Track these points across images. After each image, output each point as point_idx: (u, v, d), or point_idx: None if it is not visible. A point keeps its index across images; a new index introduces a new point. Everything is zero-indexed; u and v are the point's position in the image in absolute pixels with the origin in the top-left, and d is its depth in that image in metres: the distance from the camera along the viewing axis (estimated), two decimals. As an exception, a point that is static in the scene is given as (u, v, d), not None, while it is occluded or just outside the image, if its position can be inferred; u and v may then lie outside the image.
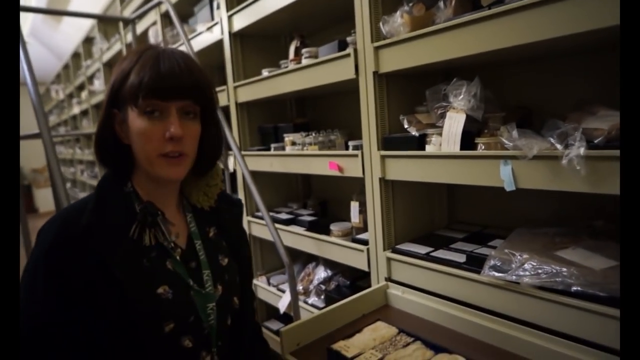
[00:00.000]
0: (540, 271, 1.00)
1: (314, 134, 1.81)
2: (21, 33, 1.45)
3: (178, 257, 0.82)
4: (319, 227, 1.85)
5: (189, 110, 0.79)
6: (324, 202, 2.27)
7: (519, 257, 1.06)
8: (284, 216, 2.06)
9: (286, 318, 2.17)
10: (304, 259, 2.19)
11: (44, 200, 9.15)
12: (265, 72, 1.96)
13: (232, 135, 1.98)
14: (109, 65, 4.42)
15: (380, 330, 1.13)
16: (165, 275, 0.78)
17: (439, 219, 1.64)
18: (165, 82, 0.75)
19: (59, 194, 1.13)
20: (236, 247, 0.95)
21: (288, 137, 1.91)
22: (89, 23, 4.87)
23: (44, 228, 0.75)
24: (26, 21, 6.88)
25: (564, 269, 0.97)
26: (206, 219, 0.92)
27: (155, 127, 0.76)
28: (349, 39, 1.56)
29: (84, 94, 5.58)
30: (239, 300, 0.91)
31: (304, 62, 1.72)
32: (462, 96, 1.17)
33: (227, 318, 0.88)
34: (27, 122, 1.90)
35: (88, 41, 5.19)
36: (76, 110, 5.94)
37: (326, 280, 1.90)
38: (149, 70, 0.75)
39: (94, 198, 0.78)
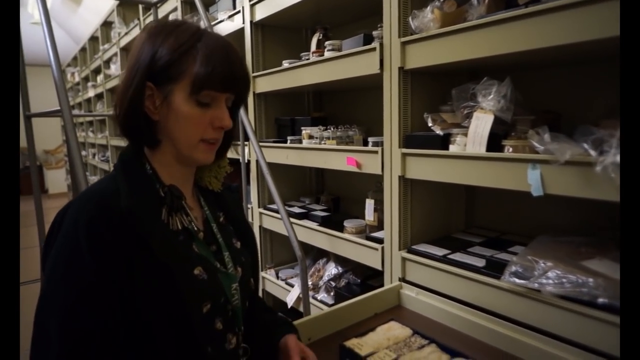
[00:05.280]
0: (564, 280, 0.97)
1: (332, 129, 1.79)
2: (47, 12, 1.44)
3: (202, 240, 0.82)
4: (332, 223, 1.83)
5: (229, 101, 0.80)
6: (336, 198, 2.24)
7: (542, 264, 1.03)
8: (296, 210, 2.04)
9: (293, 312, 2.16)
10: (314, 254, 2.18)
11: (54, 181, 9.23)
12: (286, 63, 1.94)
13: (251, 124, 1.96)
14: (126, 50, 4.43)
15: (394, 330, 1.10)
16: (196, 258, 0.78)
17: (456, 222, 1.61)
18: (232, 76, 0.76)
19: (77, 172, 1.11)
20: (243, 231, 0.95)
21: (306, 131, 1.89)
22: (107, 8, 4.87)
23: (72, 211, 0.70)
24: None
25: (591, 280, 0.94)
26: (215, 203, 0.92)
27: (205, 114, 0.76)
28: (374, 33, 1.53)
29: (99, 78, 5.59)
30: (254, 282, 0.94)
31: (327, 54, 1.70)
32: (491, 96, 1.14)
33: (246, 299, 0.88)
34: (45, 102, 1.91)
35: (106, 25, 5.20)
36: (91, 93, 5.96)
37: (336, 277, 1.88)
38: (220, 62, 0.74)
39: (125, 180, 0.75)
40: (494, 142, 1.15)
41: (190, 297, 0.73)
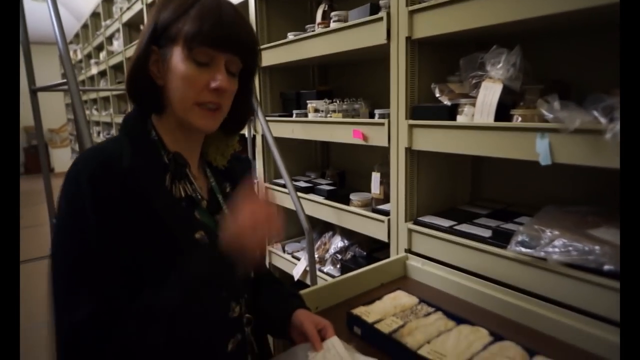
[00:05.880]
0: (570, 248, 0.98)
1: (338, 102, 1.78)
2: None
3: (205, 209, 0.82)
4: (338, 196, 1.84)
5: (233, 66, 0.78)
6: (342, 173, 2.25)
7: (548, 233, 1.03)
8: (302, 184, 2.05)
9: (300, 285, 2.19)
10: (320, 228, 2.19)
11: (59, 160, 9.28)
12: (290, 36, 1.91)
13: (257, 98, 1.95)
14: (128, 25, 4.38)
15: (400, 299, 1.12)
16: (197, 224, 0.78)
17: (461, 195, 1.61)
18: (224, 33, 0.74)
19: (85, 143, 1.12)
20: None
21: (311, 104, 1.88)
22: (108, -18, 4.80)
23: (74, 168, 0.70)
24: (46, -22, 6.79)
25: (597, 247, 0.94)
26: (222, 175, 0.92)
27: (201, 74, 0.74)
28: (381, 2, 1.50)
29: (102, 55, 5.55)
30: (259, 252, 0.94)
31: (333, 25, 1.67)
32: (500, 65, 1.12)
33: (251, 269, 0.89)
34: (45, 80, 1.93)
35: (108, 0, 5.13)
36: (94, 70, 5.92)
37: (342, 250, 1.90)
38: (211, 18, 0.73)
39: (130, 143, 0.75)
40: (503, 111, 1.14)
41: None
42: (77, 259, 0.67)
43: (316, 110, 1.86)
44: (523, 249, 1.06)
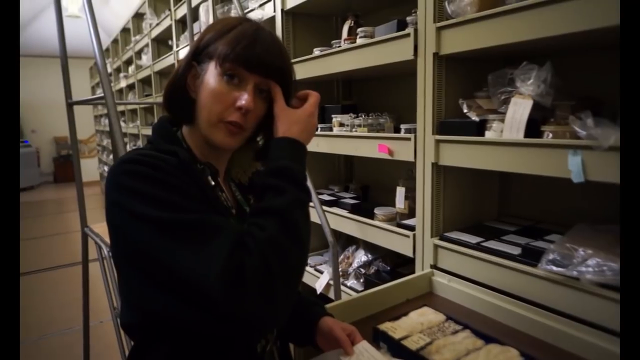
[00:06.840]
0: (605, 268, 0.95)
1: (363, 116, 1.79)
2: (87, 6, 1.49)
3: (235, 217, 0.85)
4: (362, 210, 1.84)
5: (263, 89, 0.80)
6: (365, 187, 2.25)
7: (581, 252, 1.01)
8: (326, 197, 2.05)
9: (322, 299, 2.18)
10: (343, 242, 2.19)
11: (87, 170, 9.53)
12: (317, 51, 1.94)
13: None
14: (157, 40, 4.51)
15: (427, 315, 1.11)
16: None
17: (488, 211, 1.59)
18: (255, 53, 0.77)
19: (119, 154, 1.16)
20: None
21: (336, 118, 1.89)
22: (138, 0, 4.97)
23: (122, 166, 0.70)
24: (79, -5, 7.08)
25: (633, 268, 0.92)
26: (245, 189, 0.95)
27: (229, 92, 0.77)
28: (408, 18, 1.51)
29: (131, 69, 5.72)
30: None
31: (359, 41, 1.69)
32: (531, 81, 1.12)
33: None
34: (80, 93, 2.00)
35: (138, 16, 5.31)
36: (123, 84, 6.11)
37: (366, 264, 1.89)
38: (245, 40, 0.77)
39: (169, 144, 0.79)
40: (532, 128, 1.13)
41: None
42: (183, 220, 0.65)
43: (341, 125, 1.87)
44: (554, 268, 1.04)
